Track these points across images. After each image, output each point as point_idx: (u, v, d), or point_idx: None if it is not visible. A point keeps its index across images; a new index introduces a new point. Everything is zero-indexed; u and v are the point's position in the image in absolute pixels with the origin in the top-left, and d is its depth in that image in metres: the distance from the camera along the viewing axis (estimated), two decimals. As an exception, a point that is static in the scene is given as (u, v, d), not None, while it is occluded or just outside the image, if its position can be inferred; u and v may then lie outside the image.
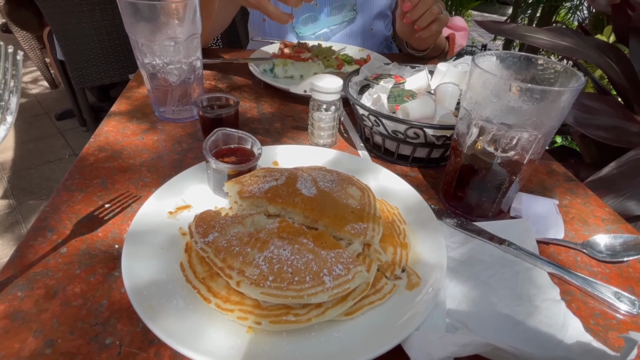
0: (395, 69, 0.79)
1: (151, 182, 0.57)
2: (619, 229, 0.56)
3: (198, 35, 0.68)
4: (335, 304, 0.37)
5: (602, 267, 0.50)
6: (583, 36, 1.08)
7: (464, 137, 0.51)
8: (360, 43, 1.17)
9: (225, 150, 0.56)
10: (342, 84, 0.63)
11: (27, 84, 3.32)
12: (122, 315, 0.39)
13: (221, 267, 0.37)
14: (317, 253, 0.38)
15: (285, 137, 0.72)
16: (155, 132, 0.70)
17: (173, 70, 0.67)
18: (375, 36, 1.19)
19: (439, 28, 0.88)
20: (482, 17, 6.02)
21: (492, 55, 0.51)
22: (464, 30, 1.13)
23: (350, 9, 1.13)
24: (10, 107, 0.39)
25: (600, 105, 0.94)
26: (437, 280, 0.41)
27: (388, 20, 1.22)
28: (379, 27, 1.18)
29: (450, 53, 1.14)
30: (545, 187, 0.64)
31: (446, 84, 0.67)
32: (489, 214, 0.55)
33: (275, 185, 0.47)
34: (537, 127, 0.45)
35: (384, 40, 1.23)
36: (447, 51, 1.14)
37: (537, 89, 0.42)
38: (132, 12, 0.62)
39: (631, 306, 0.44)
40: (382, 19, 1.19)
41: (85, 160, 0.61)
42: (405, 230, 0.48)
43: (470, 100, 0.48)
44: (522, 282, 0.45)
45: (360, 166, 0.60)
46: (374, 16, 1.16)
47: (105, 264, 0.44)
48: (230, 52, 1.08)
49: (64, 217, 0.50)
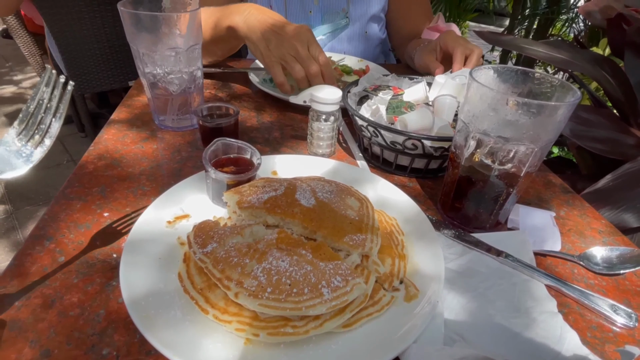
0: (393, 80, 0.79)
1: (150, 191, 0.57)
2: (616, 241, 0.57)
3: (199, 45, 0.69)
4: (333, 315, 0.37)
5: (599, 280, 0.50)
6: (579, 49, 1.10)
7: (462, 149, 0.51)
8: (355, 47, 1.18)
9: (225, 160, 0.56)
10: (341, 95, 0.64)
11: (26, 89, 3.33)
12: (119, 326, 0.39)
13: (219, 278, 0.37)
14: (315, 264, 0.38)
15: (284, 147, 0.73)
16: (154, 140, 0.70)
17: (174, 80, 0.68)
18: (370, 39, 1.20)
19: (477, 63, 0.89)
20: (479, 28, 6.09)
21: (490, 69, 0.52)
22: None
23: (343, 16, 1.14)
24: (51, 131, 0.40)
25: (596, 118, 0.95)
26: (435, 292, 0.41)
27: (382, 23, 1.23)
28: (373, 31, 1.19)
29: None
30: (542, 199, 0.64)
31: (444, 96, 0.67)
32: (487, 225, 0.56)
33: (274, 196, 0.47)
34: (534, 141, 0.46)
35: (379, 44, 1.24)
36: None
37: (534, 104, 0.43)
38: (133, 22, 0.63)
39: (628, 319, 0.44)
40: (375, 22, 1.20)
41: (84, 168, 0.61)
42: (403, 242, 0.49)
43: (468, 113, 0.49)
44: (520, 294, 0.45)
45: (358, 176, 0.60)
46: (367, 20, 1.17)
47: (103, 273, 0.44)
48: (230, 61, 1.09)
49: (63, 225, 0.50)
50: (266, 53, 0.78)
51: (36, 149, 0.37)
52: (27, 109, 0.40)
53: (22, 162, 0.36)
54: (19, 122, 0.39)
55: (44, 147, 0.37)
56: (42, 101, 0.40)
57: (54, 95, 0.40)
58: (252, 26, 0.78)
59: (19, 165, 0.36)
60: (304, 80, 0.78)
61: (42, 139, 0.38)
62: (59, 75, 0.41)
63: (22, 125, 0.38)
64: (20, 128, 0.38)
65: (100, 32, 1.88)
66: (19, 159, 0.36)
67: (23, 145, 0.37)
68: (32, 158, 0.37)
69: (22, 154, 0.37)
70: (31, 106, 0.40)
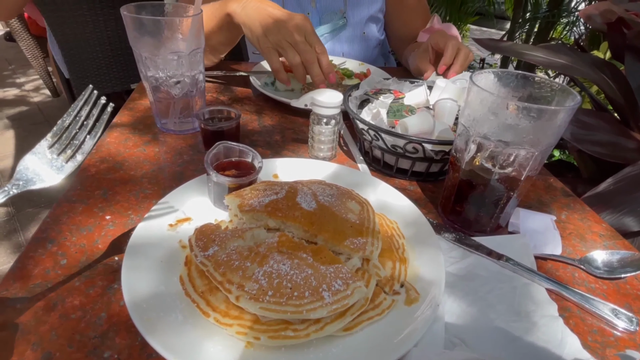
0: (394, 84, 0.80)
1: (152, 194, 0.58)
2: (616, 245, 0.57)
3: (201, 49, 0.69)
4: (334, 319, 0.37)
5: (600, 284, 0.50)
6: (579, 53, 1.10)
7: (462, 153, 0.51)
8: (354, 48, 1.19)
9: (226, 164, 0.56)
10: (342, 99, 0.64)
11: (28, 92, 3.34)
12: (121, 329, 0.39)
13: (220, 281, 0.37)
14: (316, 268, 0.38)
15: (285, 150, 0.73)
16: (156, 143, 0.71)
17: (176, 84, 0.68)
18: (369, 40, 1.20)
19: (466, 66, 0.89)
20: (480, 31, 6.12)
21: (490, 73, 0.52)
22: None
23: (340, 16, 1.14)
24: (84, 147, 0.40)
25: (596, 122, 0.95)
26: (436, 295, 0.41)
27: (380, 23, 1.23)
28: (371, 31, 1.20)
29: None
30: (543, 202, 0.64)
31: (445, 100, 0.68)
32: (487, 228, 0.56)
33: (276, 199, 0.47)
34: (534, 145, 0.46)
35: (377, 45, 1.25)
36: None
37: (534, 108, 0.43)
38: (136, 26, 0.63)
39: (629, 323, 0.44)
40: (373, 22, 1.20)
41: (86, 171, 0.61)
42: (404, 245, 0.49)
43: (468, 117, 0.49)
44: (520, 297, 0.46)
45: (359, 180, 0.60)
46: (365, 21, 1.17)
47: (104, 276, 0.44)
48: (232, 64, 1.10)
49: (65, 228, 0.50)
50: (262, 39, 0.77)
51: (67, 162, 0.38)
52: (62, 123, 0.40)
53: (53, 174, 0.37)
54: (52, 135, 0.39)
55: (75, 162, 0.38)
56: (79, 118, 0.40)
57: (92, 114, 0.40)
58: (249, 14, 0.78)
59: (49, 176, 0.37)
60: (300, 67, 0.77)
61: (74, 154, 0.38)
62: (100, 97, 0.41)
63: (55, 138, 0.39)
64: (52, 141, 0.39)
65: (103, 35, 1.89)
66: (50, 170, 0.37)
67: (54, 157, 0.38)
68: (63, 171, 0.37)
69: (53, 166, 0.37)
70: (67, 121, 0.40)
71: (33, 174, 0.36)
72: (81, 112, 0.40)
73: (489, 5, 3.74)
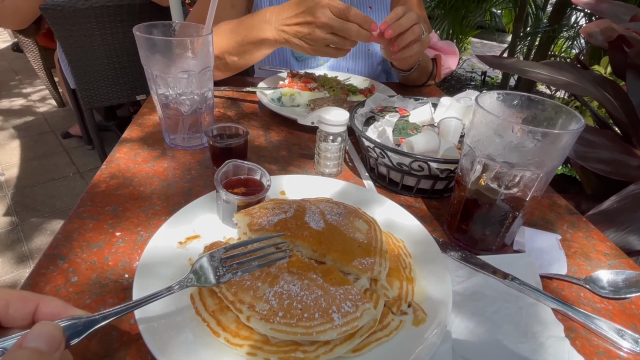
0: (399, 102, 0.81)
1: (161, 210, 0.58)
2: (621, 264, 0.57)
3: (211, 67, 0.71)
4: (343, 341, 0.37)
5: (605, 304, 0.50)
6: (581, 70, 1.11)
7: (468, 173, 0.52)
8: (358, 64, 1.20)
9: (235, 181, 0.57)
10: (348, 117, 0.65)
11: (35, 102, 3.38)
12: (132, 347, 0.39)
13: (232, 300, 0.38)
14: (326, 289, 0.39)
15: (291, 165, 0.74)
16: (165, 159, 0.72)
17: (185, 101, 0.70)
18: (373, 56, 1.22)
19: (421, 49, 0.86)
20: (481, 44, 6.18)
21: (494, 94, 0.53)
22: (454, 55, 1.15)
23: None
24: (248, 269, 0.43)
25: (599, 139, 0.96)
26: (444, 317, 0.42)
27: None
28: (375, 47, 1.22)
29: (438, 76, 1.14)
30: (547, 220, 0.65)
31: (449, 119, 0.69)
32: (493, 247, 0.56)
33: (284, 218, 0.48)
34: (539, 166, 0.47)
35: (381, 60, 1.26)
36: (435, 74, 1.14)
37: (539, 131, 0.44)
38: (148, 46, 0.65)
39: (634, 344, 0.44)
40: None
41: (97, 187, 0.62)
42: (410, 264, 0.49)
43: (474, 138, 0.50)
44: (526, 318, 0.46)
45: (366, 197, 0.61)
46: None
47: (115, 294, 0.45)
48: (239, 79, 1.11)
49: (76, 245, 0.51)
50: (308, 48, 0.81)
51: (227, 273, 0.41)
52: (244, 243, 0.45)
53: (213, 279, 0.40)
54: (229, 248, 0.43)
55: (235, 276, 0.41)
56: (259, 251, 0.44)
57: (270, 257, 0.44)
58: (285, 31, 0.81)
59: (209, 280, 0.40)
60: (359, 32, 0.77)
61: (237, 270, 0.41)
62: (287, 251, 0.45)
63: (229, 253, 0.43)
64: (227, 254, 0.42)
65: (110, 48, 1.92)
66: (213, 275, 0.40)
67: (221, 265, 0.41)
68: (221, 280, 0.40)
69: (217, 272, 0.40)
70: (249, 245, 0.44)
71: (199, 274, 0.40)
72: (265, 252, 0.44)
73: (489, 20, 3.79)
